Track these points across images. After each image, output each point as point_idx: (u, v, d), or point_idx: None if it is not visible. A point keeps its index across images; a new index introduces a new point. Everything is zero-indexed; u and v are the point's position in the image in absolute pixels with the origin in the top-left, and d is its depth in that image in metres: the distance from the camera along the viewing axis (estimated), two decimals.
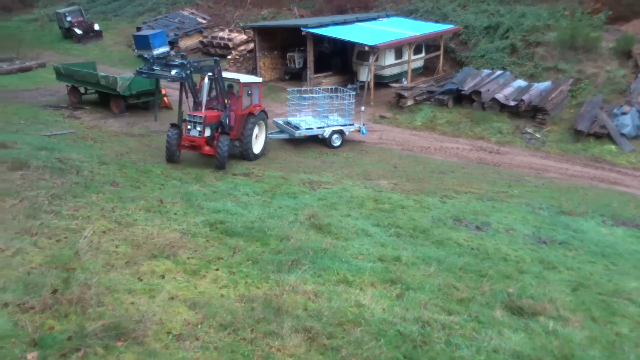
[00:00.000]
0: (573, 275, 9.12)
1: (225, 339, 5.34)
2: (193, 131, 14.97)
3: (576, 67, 24.26)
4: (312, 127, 18.67)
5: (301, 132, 18.32)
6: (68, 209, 8.72)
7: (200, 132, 14.87)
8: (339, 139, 18.99)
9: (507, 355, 5.77)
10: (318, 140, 18.79)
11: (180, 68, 14.10)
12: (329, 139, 18.72)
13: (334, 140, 18.86)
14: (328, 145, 18.69)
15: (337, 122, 19.32)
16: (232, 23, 36.27)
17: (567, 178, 17.72)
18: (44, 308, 5.24)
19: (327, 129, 18.67)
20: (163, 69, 14.38)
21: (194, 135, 14.96)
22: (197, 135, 14.91)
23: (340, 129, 18.98)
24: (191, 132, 14.99)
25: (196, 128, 14.94)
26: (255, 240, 8.54)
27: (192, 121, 14.98)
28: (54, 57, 31.32)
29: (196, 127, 14.94)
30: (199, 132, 14.89)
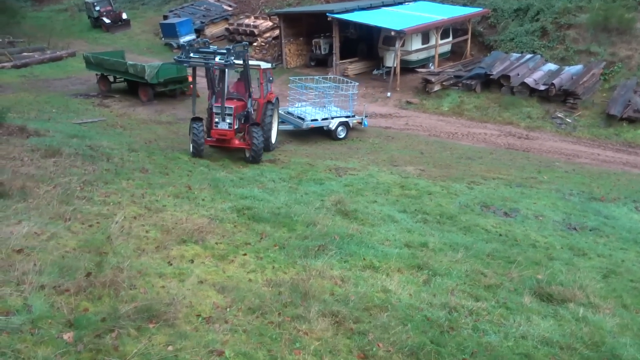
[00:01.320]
0: (604, 262, 8.95)
1: (253, 322, 5.42)
2: (222, 124, 13.91)
3: (609, 49, 23.60)
4: (316, 118, 18.00)
5: (308, 123, 17.61)
6: (99, 195, 8.91)
7: (231, 125, 13.93)
8: (344, 131, 18.40)
9: (536, 341, 5.72)
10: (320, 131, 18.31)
11: (224, 55, 13.12)
12: (334, 131, 18.11)
13: (339, 132, 18.27)
14: (333, 138, 18.12)
15: (337, 114, 18.63)
16: (257, 10, 36.24)
17: (599, 163, 17.34)
18: (78, 290, 5.39)
19: (333, 121, 18.04)
20: (206, 56, 13.28)
21: (224, 129, 13.94)
22: (228, 127, 13.93)
23: (346, 120, 18.44)
24: (220, 124, 13.93)
25: (225, 120, 13.87)
26: (282, 226, 8.60)
27: (221, 113, 13.85)
28: (84, 47, 31.83)
29: (225, 119, 13.87)
30: (229, 124, 13.91)
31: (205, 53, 13.34)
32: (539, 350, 5.57)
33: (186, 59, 13.19)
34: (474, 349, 5.39)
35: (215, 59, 13.22)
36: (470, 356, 5.29)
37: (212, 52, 13.43)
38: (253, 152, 13.83)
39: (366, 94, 24.60)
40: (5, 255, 5.86)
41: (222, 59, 13.08)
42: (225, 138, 14.17)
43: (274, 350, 4.97)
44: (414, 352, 5.20)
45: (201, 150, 13.89)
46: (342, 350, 5.17)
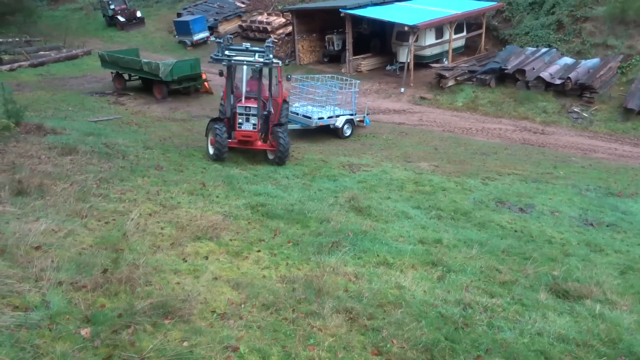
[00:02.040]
0: (621, 258, 8.84)
1: (267, 318, 5.45)
2: (246, 125, 13.24)
3: (626, 42, 23.24)
4: (322, 116, 17.60)
5: (316, 121, 17.26)
6: (115, 192, 9.01)
7: (255, 125, 13.31)
8: (350, 128, 18.10)
9: (552, 338, 5.67)
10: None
11: (264, 53, 12.51)
12: (341, 129, 17.75)
13: (345, 130, 17.92)
14: (339, 136, 17.75)
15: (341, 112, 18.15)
16: (270, 6, 36.26)
17: (616, 158, 17.11)
18: (95, 287, 5.46)
19: (339, 118, 17.67)
20: (245, 54, 12.69)
21: (248, 130, 13.31)
22: (252, 129, 13.30)
23: (351, 118, 18.10)
24: (243, 125, 13.26)
25: (250, 121, 13.21)
26: (295, 223, 8.62)
27: (245, 113, 13.21)
28: (99, 45, 32.13)
29: (249, 120, 13.21)
30: (254, 125, 13.28)
31: (240, 51, 12.84)
32: (555, 347, 5.53)
33: (226, 57, 12.61)
34: (488, 346, 5.37)
35: (255, 57, 12.64)
36: (485, 353, 5.27)
37: (250, 50, 12.93)
38: (280, 152, 13.26)
39: (379, 90, 24.52)
40: (24, 252, 5.96)
41: (261, 57, 12.51)
42: (249, 140, 13.56)
43: (288, 346, 4.99)
44: (428, 349, 5.19)
45: (224, 153, 13.19)
46: (356, 346, 5.18)
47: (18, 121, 12.58)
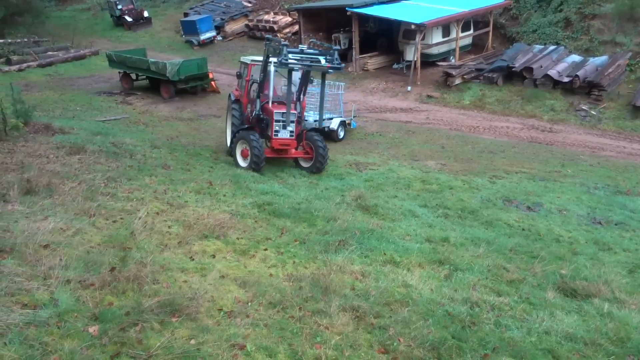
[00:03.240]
0: (630, 257, 8.78)
1: (274, 316, 5.46)
2: (283, 132, 12.29)
3: (635, 39, 23.05)
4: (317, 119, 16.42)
5: (311, 123, 15.96)
6: (123, 191, 9.05)
7: (293, 133, 12.42)
8: (343, 130, 17.50)
9: (560, 337, 5.64)
10: None
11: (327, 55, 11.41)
12: (336, 131, 17.07)
13: (339, 132, 17.29)
14: (334, 139, 16.89)
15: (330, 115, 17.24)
16: (277, 6, 36.28)
17: (625, 156, 16.99)
18: (103, 285, 5.49)
19: (334, 120, 17.06)
20: (310, 58, 11.49)
21: (286, 137, 12.37)
22: (290, 136, 12.40)
23: (344, 120, 17.55)
24: (280, 133, 12.30)
25: (287, 128, 12.28)
26: (302, 221, 8.63)
27: (283, 120, 12.22)
28: (106, 45, 32.28)
29: (287, 127, 12.27)
30: (291, 132, 12.39)
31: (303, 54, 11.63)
32: (563, 346, 5.50)
33: (292, 61, 11.27)
34: (495, 345, 5.35)
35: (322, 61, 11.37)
36: (492, 351, 5.25)
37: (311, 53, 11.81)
38: (320, 160, 12.51)
39: (386, 89, 24.48)
40: (33, 251, 6.00)
41: (329, 61, 11.28)
42: (287, 148, 12.61)
43: (295, 345, 5.00)
44: (435, 347, 5.18)
45: (263, 164, 12.09)
46: (362, 344, 5.17)
47: (26, 121, 12.68)
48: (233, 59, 31.09)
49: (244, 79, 13.58)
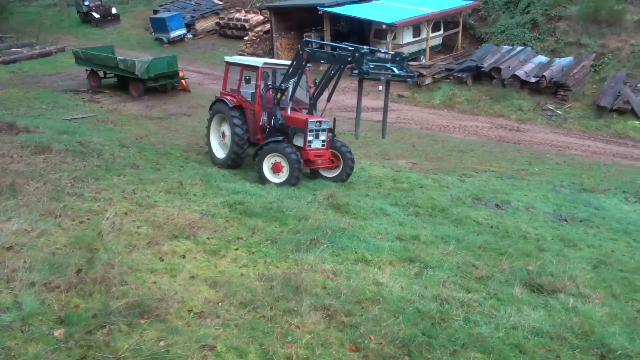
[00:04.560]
0: (594, 253, 9.03)
1: (245, 316, 5.43)
2: (316, 142, 11.53)
3: (599, 41, 23.73)
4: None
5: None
6: (90, 191, 8.87)
7: (324, 142, 11.66)
8: None
9: (527, 331, 5.76)
10: None
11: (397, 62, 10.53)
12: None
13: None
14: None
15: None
16: (248, 4, 36.09)
17: (589, 155, 17.46)
18: (69, 287, 5.37)
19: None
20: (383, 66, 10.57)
21: (320, 147, 11.60)
22: (322, 146, 11.63)
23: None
24: (313, 143, 11.52)
25: (319, 137, 11.52)
26: (274, 221, 8.60)
27: (316, 129, 11.43)
28: (73, 42, 31.60)
29: (319, 137, 11.52)
30: (323, 141, 11.64)
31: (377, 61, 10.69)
32: (530, 341, 5.61)
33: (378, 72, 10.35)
34: (465, 340, 5.43)
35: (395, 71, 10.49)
36: (462, 347, 5.33)
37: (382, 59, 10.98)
38: (349, 168, 12.06)
39: None
40: None
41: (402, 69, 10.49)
42: (322, 159, 11.81)
43: (266, 344, 4.98)
44: (405, 344, 5.22)
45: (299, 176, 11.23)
46: (333, 343, 5.18)
47: None
48: (204, 57, 30.82)
49: (254, 84, 12.05)
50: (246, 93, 12.41)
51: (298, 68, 11.42)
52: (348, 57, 10.34)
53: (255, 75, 11.91)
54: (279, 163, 11.23)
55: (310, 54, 11.16)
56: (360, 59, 10.00)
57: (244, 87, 12.38)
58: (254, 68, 12.05)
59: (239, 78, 12.41)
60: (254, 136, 12.31)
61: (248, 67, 12.30)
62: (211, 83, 26.43)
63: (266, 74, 12.22)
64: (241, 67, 12.45)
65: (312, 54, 11.21)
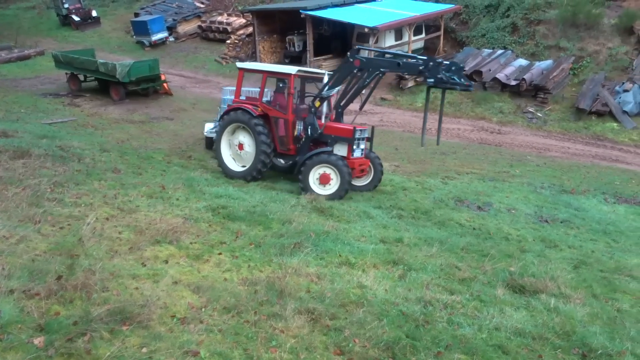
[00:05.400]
0: (575, 253, 9.16)
1: (229, 321, 5.39)
2: (357, 151, 11.30)
3: (578, 44, 24.11)
4: None
5: None
6: (70, 197, 8.74)
7: (363, 151, 11.53)
8: None
9: (509, 332, 5.81)
10: None
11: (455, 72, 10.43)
12: None
13: None
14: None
15: None
16: (230, 7, 35.98)
17: (569, 157, 17.71)
18: (49, 294, 5.28)
19: None
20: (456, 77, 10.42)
21: (360, 157, 11.43)
22: (362, 155, 11.47)
23: None
24: (355, 153, 11.27)
25: (360, 146, 11.36)
26: (257, 224, 8.56)
27: (358, 138, 11.26)
28: (53, 45, 31.19)
29: (360, 146, 11.35)
30: (362, 150, 11.51)
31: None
32: (512, 341, 5.66)
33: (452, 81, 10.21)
34: (448, 342, 5.46)
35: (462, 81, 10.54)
36: (445, 349, 5.36)
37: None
38: (379, 177, 11.93)
39: (340, 91, 24.61)
40: None
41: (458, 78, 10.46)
42: (364, 169, 11.69)
43: (250, 349, 4.95)
44: (389, 347, 5.24)
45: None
46: (318, 347, 5.18)
47: None
48: (186, 61, 30.65)
49: (286, 92, 11.56)
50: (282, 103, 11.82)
51: (345, 76, 11.17)
52: (420, 66, 10.39)
53: (288, 82, 11.41)
54: (328, 174, 10.94)
55: (364, 62, 10.88)
56: (435, 69, 10.05)
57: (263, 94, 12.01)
58: (286, 75, 11.53)
59: (261, 85, 11.82)
60: (285, 146, 11.80)
61: (278, 74, 11.87)
62: (193, 86, 26.29)
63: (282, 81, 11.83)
64: (264, 74, 11.87)
65: (367, 62, 10.92)
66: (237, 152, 11.99)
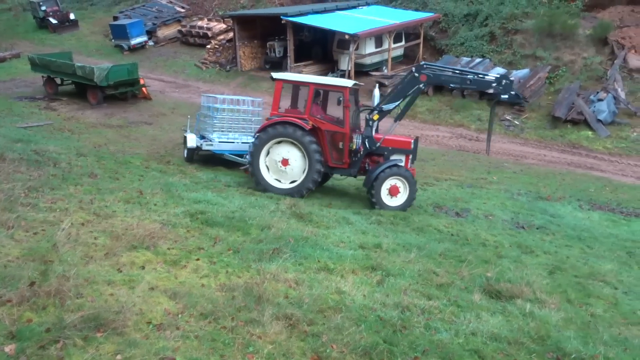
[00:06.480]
0: (550, 259, 9.29)
1: (206, 327, 5.34)
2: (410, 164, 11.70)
3: (554, 54, 24.56)
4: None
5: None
6: (45, 202, 8.59)
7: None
8: None
9: (485, 337, 5.86)
10: None
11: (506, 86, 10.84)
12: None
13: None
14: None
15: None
16: (211, 12, 35.90)
17: (545, 164, 17.99)
18: (21, 301, 5.17)
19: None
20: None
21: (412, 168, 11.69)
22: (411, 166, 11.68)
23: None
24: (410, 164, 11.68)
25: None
26: (236, 230, 8.51)
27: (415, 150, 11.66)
28: (29, 48, 30.72)
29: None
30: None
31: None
32: (488, 346, 5.71)
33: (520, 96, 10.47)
34: (425, 347, 5.48)
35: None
36: (422, 354, 5.38)
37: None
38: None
39: None
40: None
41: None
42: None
43: (227, 355, 4.91)
44: (367, 352, 5.24)
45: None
46: (295, 352, 5.16)
47: None
48: (165, 65, 30.45)
49: (344, 106, 11.31)
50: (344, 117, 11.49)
51: (408, 91, 11.26)
52: (492, 83, 10.79)
53: (343, 96, 11.20)
54: (397, 187, 11.13)
55: (431, 78, 11.01)
56: (509, 85, 10.54)
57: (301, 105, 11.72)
58: (341, 88, 11.31)
59: (308, 99, 11.40)
60: (339, 160, 11.57)
61: (329, 87, 11.63)
62: (173, 91, 26.12)
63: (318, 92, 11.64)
64: (311, 87, 11.44)
65: (434, 77, 11.04)
66: (280, 168, 11.50)
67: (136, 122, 19.10)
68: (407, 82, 11.28)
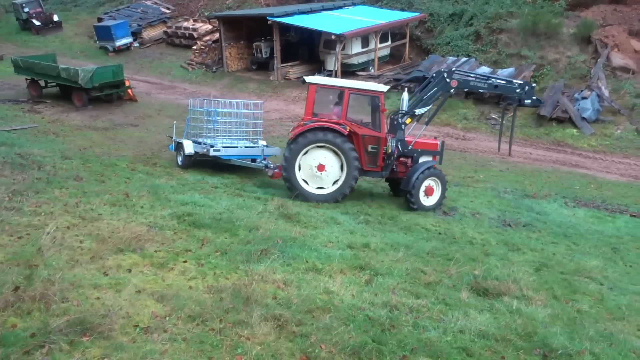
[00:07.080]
0: (536, 256, 9.37)
1: (193, 330, 5.31)
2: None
3: (538, 53, 24.75)
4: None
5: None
6: (30, 205, 8.50)
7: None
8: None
9: (473, 334, 5.89)
10: None
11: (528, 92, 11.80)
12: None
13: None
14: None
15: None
16: (196, 13, 35.73)
17: (531, 162, 18.13)
18: (5, 306, 5.11)
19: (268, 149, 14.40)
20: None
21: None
22: None
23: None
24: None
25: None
26: (224, 231, 8.47)
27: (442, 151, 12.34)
28: (12, 50, 30.37)
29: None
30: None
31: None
32: (476, 344, 5.74)
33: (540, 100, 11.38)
34: (414, 346, 5.50)
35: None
36: (411, 352, 5.40)
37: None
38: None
39: None
40: None
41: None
42: None
43: (215, 358, 4.89)
44: (355, 352, 5.25)
45: None
46: (284, 353, 5.15)
47: None
48: (151, 66, 30.26)
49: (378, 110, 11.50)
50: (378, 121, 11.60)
51: (439, 96, 11.79)
52: (517, 89, 11.73)
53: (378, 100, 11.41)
54: (432, 187, 11.61)
55: (461, 83, 11.62)
56: (531, 91, 11.46)
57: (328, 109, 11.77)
58: (377, 93, 11.48)
59: (344, 103, 11.34)
60: (374, 164, 11.62)
61: (363, 92, 11.64)
62: (159, 92, 25.97)
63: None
64: (346, 91, 11.38)
65: (464, 83, 11.62)
66: (316, 173, 11.39)
67: (122, 124, 18.95)
68: (437, 87, 11.69)
